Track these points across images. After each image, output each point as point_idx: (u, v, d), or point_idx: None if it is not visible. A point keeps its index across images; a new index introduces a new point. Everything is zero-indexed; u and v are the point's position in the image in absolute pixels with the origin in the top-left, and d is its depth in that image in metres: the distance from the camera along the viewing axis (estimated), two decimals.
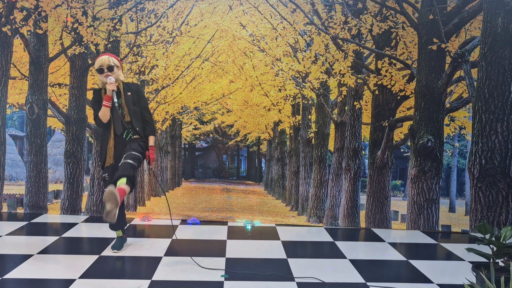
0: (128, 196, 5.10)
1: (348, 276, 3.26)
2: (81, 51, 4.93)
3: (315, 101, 5.03)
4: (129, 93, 3.52)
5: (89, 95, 5.04)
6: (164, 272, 3.23)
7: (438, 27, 4.56)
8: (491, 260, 2.77)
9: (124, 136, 3.49)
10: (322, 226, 4.89)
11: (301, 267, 3.41)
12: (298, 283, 3.08)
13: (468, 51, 4.54)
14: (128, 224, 4.61)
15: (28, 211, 5.01)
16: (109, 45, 4.90)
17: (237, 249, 3.89)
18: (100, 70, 3.45)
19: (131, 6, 4.89)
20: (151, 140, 3.60)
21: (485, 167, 4.52)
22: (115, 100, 3.40)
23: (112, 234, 3.99)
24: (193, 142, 5.35)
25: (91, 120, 5.07)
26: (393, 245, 4.18)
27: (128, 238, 4.00)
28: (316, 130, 5.06)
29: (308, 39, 4.90)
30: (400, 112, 4.84)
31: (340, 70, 4.80)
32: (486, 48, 4.46)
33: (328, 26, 4.79)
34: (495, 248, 2.77)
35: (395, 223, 4.88)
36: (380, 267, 3.53)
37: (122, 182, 3.19)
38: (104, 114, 3.42)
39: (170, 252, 3.73)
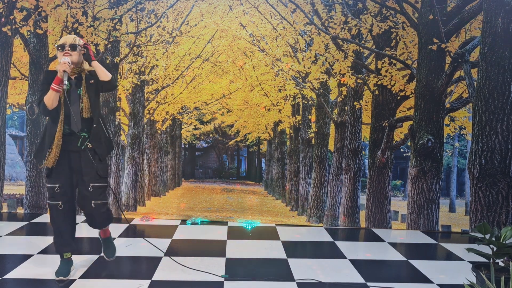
0: (128, 196, 5.10)
1: (348, 276, 3.26)
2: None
3: (315, 101, 5.03)
4: (92, 81, 2.95)
5: None
6: (164, 272, 3.23)
7: (438, 27, 4.56)
8: (491, 260, 2.77)
9: (79, 144, 2.95)
10: (322, 226, 4.89)
11: (301, 267, 3.41)
12: (298, 283, 3.08)
13: (468, 51, 4.54)
14: (129, 224, 4.61)
15: (28, 211, 5.01)
16: (109, 45, 4.90)
17: (237, 249, 3.89)
18: (62, 47, 2.90)
19: (131, 6, 4.89)
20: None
21: (485, 167, 4.52)
22: (65, 82, 2.79)
23: (116, 233, 3.98)
24: (193, 142, 5.35)
25: None
26: (393, 245, 4.17)
27: (128, 238, 3.99)
28: (316, 130, 5.06)
29: (308, 39, 4.90)
30: (400, 112, 4.84)
31: (340, 70, 4.80)
32: (486, 48, 4.46)
33: (328, 26, 4.79)
34: (495, 248, 2.77)
35: (395, 223, 4.88)
36: (380, 267, 3.53)
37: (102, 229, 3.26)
38: (49, 98, 2.82)
39: (170, 252, 3.73)
